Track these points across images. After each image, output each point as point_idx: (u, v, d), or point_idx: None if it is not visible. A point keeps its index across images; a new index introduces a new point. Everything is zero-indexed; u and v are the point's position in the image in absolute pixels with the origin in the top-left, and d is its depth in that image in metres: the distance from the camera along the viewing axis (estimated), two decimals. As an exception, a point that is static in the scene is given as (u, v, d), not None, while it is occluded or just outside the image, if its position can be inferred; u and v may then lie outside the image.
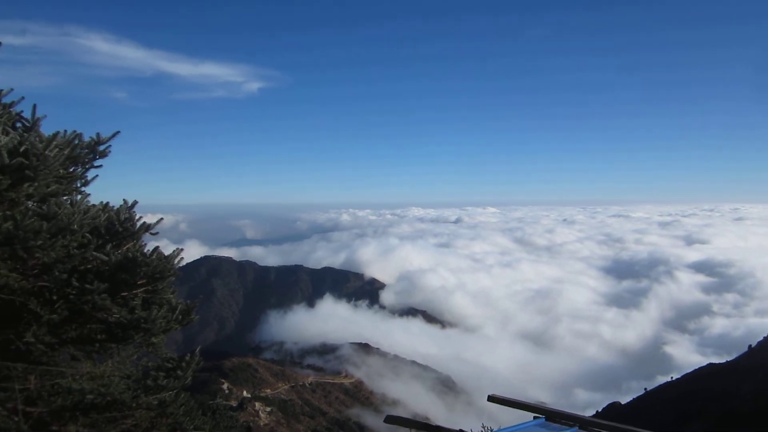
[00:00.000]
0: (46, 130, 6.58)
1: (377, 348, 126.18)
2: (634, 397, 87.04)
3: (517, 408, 7.00)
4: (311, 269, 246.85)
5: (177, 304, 7.03)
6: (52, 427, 6.96)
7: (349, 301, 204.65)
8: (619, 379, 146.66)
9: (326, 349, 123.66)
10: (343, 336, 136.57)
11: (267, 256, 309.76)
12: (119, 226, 6.55)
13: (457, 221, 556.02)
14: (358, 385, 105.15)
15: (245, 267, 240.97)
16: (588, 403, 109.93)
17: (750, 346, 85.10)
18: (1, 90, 6.59)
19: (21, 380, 6.79)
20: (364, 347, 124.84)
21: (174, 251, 7.01)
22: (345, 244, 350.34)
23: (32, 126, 6.60)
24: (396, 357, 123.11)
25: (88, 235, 6.05)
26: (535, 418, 6.75)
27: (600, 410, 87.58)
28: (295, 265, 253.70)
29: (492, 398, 7.16)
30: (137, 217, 6.81)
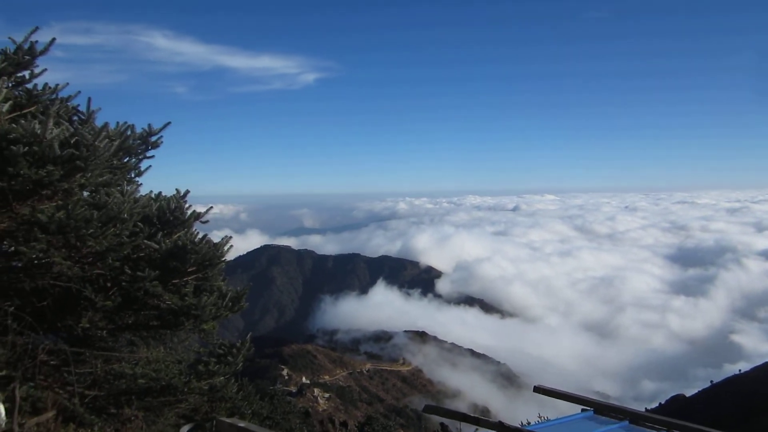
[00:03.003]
0: (109, 123, 6.80)
1: (434, 336, 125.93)
2: (700, 389, 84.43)
3: (564, 399, 6.78)
4: (368, 258, 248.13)
5: (227, 291, 7.14)
6: (109, 409, 7.21)
7: (405, 289, 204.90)
8: (686, 368, 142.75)
9: (383, 337, 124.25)
10: (400, 324, 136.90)
11: (325, 245, 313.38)
12: (170, 215, 6.69)
13: (515, 209, 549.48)
14: (416, 373, 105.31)
15: (304, 255, 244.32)
16: (655, 393, 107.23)
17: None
18: (58, 84, 6.81)
19: (82, 364, 7.05)
20: (421, 335, 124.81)
21: (223, 239, 7.11)
22: (402, 232, 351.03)
23: (87, 119, 6.82)
24: (453, 346, 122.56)
25: (139, 223, 6.20)
26: (582, 410, 6.54)
27: (663, 402, 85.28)
28: (353, 253, 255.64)
29: (538, 389, 6.95)
30: (187, 206, 6.94)
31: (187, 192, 7.36)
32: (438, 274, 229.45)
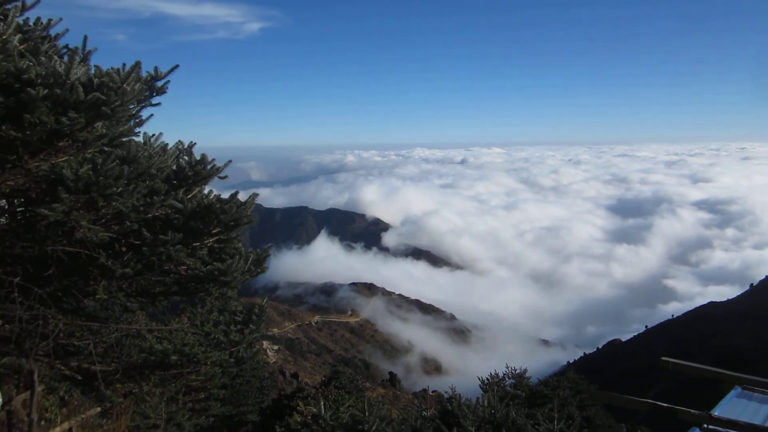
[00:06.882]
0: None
1: (382, 289, 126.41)
2: (635, 333, 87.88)
3: (695, 373, 6.23)
4: (316, 210, 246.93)
5: (248, 253, 6.42)
6: (116, 384, 6.54)
7: (350, 242, 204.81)
8: (625, 312, 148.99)
9: (329, 290, 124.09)
10: (348, 276, 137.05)
11: (273, 198, 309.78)
12: (190, 170, 5.89)
13: (463, 162, 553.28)
14: (365, 325, 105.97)
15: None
16: (597, 338, 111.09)
17: (751, 284, 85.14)
18: (51, 20, 5.89)
19: (85, 338, 6.33)
20: (369, 288, 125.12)
21: (250, 197, 6.36)
22: (350, 185, 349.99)
23: (83, 60, 5.90)
24: (401, 298, 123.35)
25: (158, 180, 5.42)
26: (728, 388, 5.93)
27: (600, 347, 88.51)
28: (300, 206, 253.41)
29: (665, 362, 6.32)
30: (210, 160, 6.13)
31: (193, 144, 6.56)
32: (385, 227, 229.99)
